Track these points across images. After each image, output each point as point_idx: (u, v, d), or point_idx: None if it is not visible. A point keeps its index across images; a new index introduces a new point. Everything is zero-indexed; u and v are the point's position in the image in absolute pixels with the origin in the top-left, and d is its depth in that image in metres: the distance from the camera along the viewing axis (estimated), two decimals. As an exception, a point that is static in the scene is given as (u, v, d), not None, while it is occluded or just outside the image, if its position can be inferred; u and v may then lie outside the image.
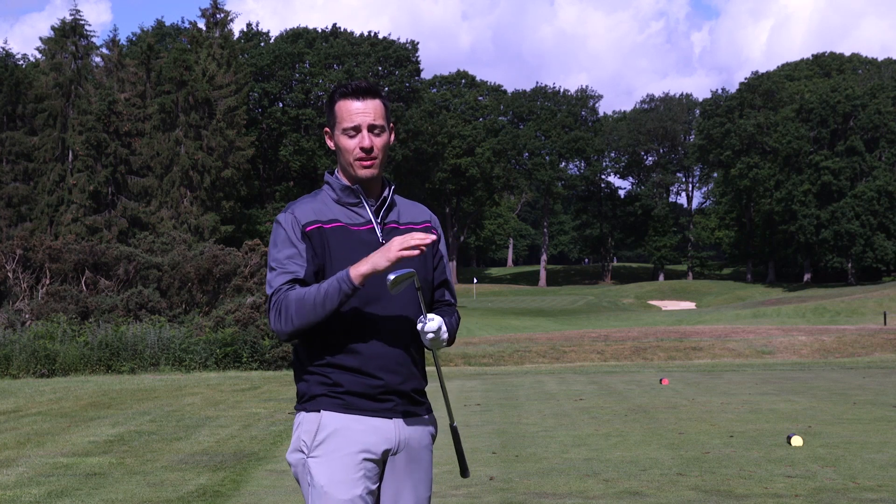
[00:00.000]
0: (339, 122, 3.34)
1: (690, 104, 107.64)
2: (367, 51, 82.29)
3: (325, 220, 3.31)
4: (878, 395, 15.66)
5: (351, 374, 3.26)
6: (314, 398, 3.30)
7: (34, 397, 16.09)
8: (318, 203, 3.36)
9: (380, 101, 3.36)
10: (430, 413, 3.46)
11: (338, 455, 3.23)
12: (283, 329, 3.22)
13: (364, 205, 3.36)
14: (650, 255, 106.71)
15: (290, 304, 3.19)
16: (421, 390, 3.40)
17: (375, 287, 3.25)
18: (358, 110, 3.32)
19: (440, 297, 3.50)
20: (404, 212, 3.44)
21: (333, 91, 3.39)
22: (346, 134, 3.33)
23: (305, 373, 3.33)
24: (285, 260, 3.27)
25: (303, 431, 3.30)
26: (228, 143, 61.16)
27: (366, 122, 3.31)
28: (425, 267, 3.41)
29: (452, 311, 3.49)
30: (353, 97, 3.33)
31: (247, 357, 22.93)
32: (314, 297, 3.16)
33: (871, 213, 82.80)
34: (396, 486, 3.33)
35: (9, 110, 59.94)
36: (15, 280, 26.75)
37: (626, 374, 21.73)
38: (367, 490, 3.25)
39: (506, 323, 52.18)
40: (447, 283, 3.52)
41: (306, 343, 3.32)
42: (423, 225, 3.45)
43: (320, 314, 3.17)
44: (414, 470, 3.35)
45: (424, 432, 3.40)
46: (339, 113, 3.34)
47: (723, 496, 7.53)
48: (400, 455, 3.32)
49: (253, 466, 9.10)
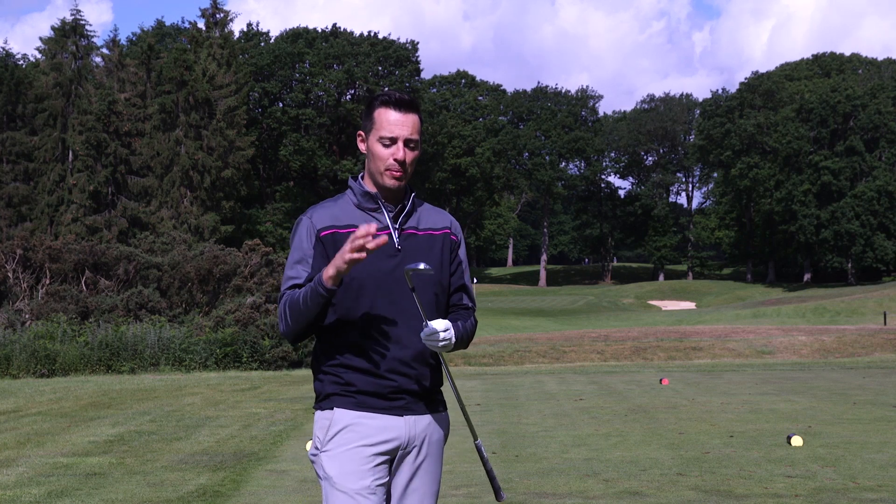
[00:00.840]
0: (377, 130, 3.39)
1: (690, 104, 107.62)
2: (367, 51, 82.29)
3: (341, 225, 3.38)
4: (878, 395, 15.66)
5: (363, 374, 3.35)
6: (328, 397, 3.40)
7: (34, 397, 16.09)
8: (337, 208, 3.43)
9: (418, 116, 3.43)
10: (445, 411, 3.54)
11: (348, 448, 3.32)
12: (284, 331, 3.36)
13: (382, 210, 3.42)
14: (650, 255, 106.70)
15: (286, 309, 3.32)
16: (435, 389, 3.47)
17: (390, 289, 3.34)
18: (398, 122, 3.37)
19: (457, 301, 3.55)
20: (424, 218, 3.49)
21: (375, 97, 3.43)
22: (381, 142, 3.38)
23: (320, 372, 3.44)
24: (295, 264, 3.38)
25: (317, 428, 3.41)
26: (228, 143, 61.16)
27: (403, 135, 3.37)
28: (441, 271, 3.46)
29: (468, 314, 3.54)
30: (395, 108, 3.38)
31: (247, 357, 22.93)
32: (300, 299, 3.26)
33: (871, 213, 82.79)
34: (405, 481, 3.41)
35: (9, 110, 59.95)
36: (15, 280, 26.75)
37: (626, 374, 21.73)
38: (376, 482, 3.32)
39: (506, 323, 52.18)
40: (465, 287, 3.57)
41: (321, 345, 3.43)
42: (443, 231, 3.50)
43: (307, 316, 3.27)
44: (424, 466, 3.42)
45: (437, 429, 3.46)
46: (379, 120, 3.39)
47: (723, 496, 7.53)
48: (411, 451, 3.40)
49: (253, 466, 9.10)
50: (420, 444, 3.41)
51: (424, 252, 3.41)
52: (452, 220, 3.57)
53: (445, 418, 3.53)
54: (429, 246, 3.44)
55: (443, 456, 3.51)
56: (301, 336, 3.34)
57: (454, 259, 3.53)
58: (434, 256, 3.44)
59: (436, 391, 3.48)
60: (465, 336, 3.43)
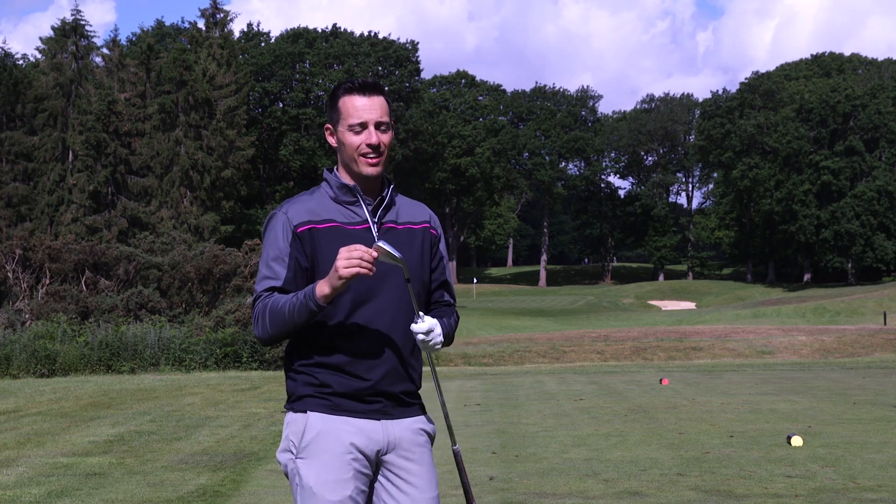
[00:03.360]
0: (345, 118, 3.28)
1: (691, 104, 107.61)
2: (367, 51, 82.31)
3: (318, 219, 3.26)
4: (878, 395, 15.65)
5: (338, 374, 3.23)
6: (301, 398, 3.27)
7: (34, 397, 16.08)
8: (313, 202, 3.30)
9: (384, 98, 3.31)
10: (424, 413, 3.41)
11: (326, 456, 3.19)
12: (261, 336, 3.22)
13: (361, 203, 3.30)
14: (650, 255, 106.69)
15: (266, 314, 3.17)
16: (412, 392, 3.35)
17: (367, 286, 3.22)
18: (365, 106, 3.26)
19: (439, 298, 3.46)
20: (403, 211, 3.38)
21: (337, 87, 3.33)
22: (351, 130, 3.27)
23: (293, 371, 3.30)
24: (271, 262, 3.24)
25: (290, 432, 3.27)
26: (228, 143, 61.16)
27: (373, 119, 3.26)
28: (422, 268, 3.36)
29: (451, 311, 3.45)
30: (360, 93, 3.27)
31: (247, 357, 22.93)
32: (286, 309, 3.13)
33: (871, 213, 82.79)
34: (388, 487, 3.30)
35: (8, 110, 59.96)
36: (15, 280, 26.75)
37: (626, 374, 21.72)
38: (357, 490, 3.21)
39: (506, 323, 52.17)
40: (446, 283, 3.47)
41: (295, 341, 3.29)
42: (422, 225, 3.39)
43: (292, 326, 3.15)
44: (408, 470, 3.29)
45: (417, 432, 3.33)
46: (345, 109, 3.28)
47: (723, 496, 7.53)
48: (391, 456, 3.28)
49: (253, 466, 9.10)
50: (400, 448, 3.28)
51: (404, 246, 3.28)
52: (432, 214, 3.47)
53: (426, 421, 3.39)
54: (409, 240, 3.33)
55: (431, 459, 3.36)
56: (277, 341, 3.22)
57: (435, 254, 3.42)
58: (414, 251, 3.33)
59: (414, 394, 3.36)
60: (450, 333, 3.36)
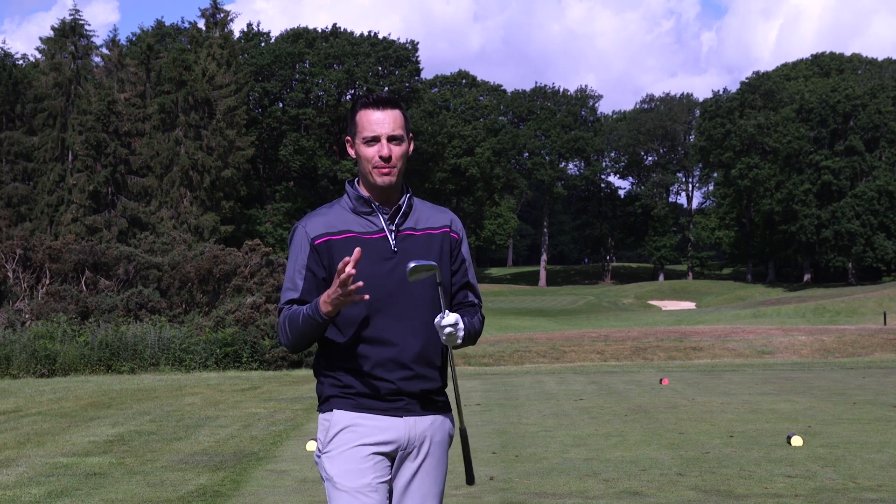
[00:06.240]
0: (360, 132, 3.43)
1: (691, 104, 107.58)
2: (367, 51, 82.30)
3: (335, 231, 3.41)
4: (878, 395, 15.65)
5: (361, 377, 3.37)
6: (328, 399, 3.45)
7: (34, 397, 16.08)
8: (332, 215, 3.46)
9: (399, 111, 3.46)
10: (448, 412, 3.53)
11: (347, 448, 3.35)
12: (286, 344, 3.43)
13: (377, 213, 3.44)
14: (650, 255, 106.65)
15: (286, 324, 3.38)
16: (436, 390, 3.47)
17: (387, 291, 3.35)
18: (378, 120, 3.41)
19: (462, 299, 3.56)
20: (423, 218, 3.50)
21: (355, 101, 3.49)
22: (366, 143, 3.42)
23: (322, 375, 3.48)
24: (293, 274, 3.44)
25: (319, 431, 3.47)
26: (228, 143, 61.18)
27: (385, 132, 3.40)
28: (442, 270, 3.46)
29: (475, 311, 3.55)
30: (374, 107, 3.43)
31: (247, 357, 22.93)
32: (300, 320, 3.32)
33: (871, 213, 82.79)
34: (406, 482, 3.42)
35: (8, 110, 59.96)
36: (15, 280, 26.74)
37: (626, 374, 21.72)
38: (377, 480, 3.34)
39: (506, 323, 52.18)
40: (469, 285, 3.58)
41: (322, 347, 3.46)
42: (442, 230, 3.50)
43: (308, 336, 3.34)
44: (425, 466, 3.43)
45: (439, 429, 3.46)
46: (360, 122, 3.43)
47: (723, 496, 7.53)
48: (412, 452, 3.41)
49: (253, 466, 9.10)
50: (420, 445, 3.41)
51: (422, 252, 3.41)
52: (453, 218, 3.57)
53: (448, 420, 3.52)
54: (427, 245, 3.44)
55: (446, 458, 3.50)
56: (303, 348, 3.41)
57: (456, 257, 3.53)
58: (433, 255, 3.44)
59: (438, 392, 3.47)
60: (472, 332, 3.44)
